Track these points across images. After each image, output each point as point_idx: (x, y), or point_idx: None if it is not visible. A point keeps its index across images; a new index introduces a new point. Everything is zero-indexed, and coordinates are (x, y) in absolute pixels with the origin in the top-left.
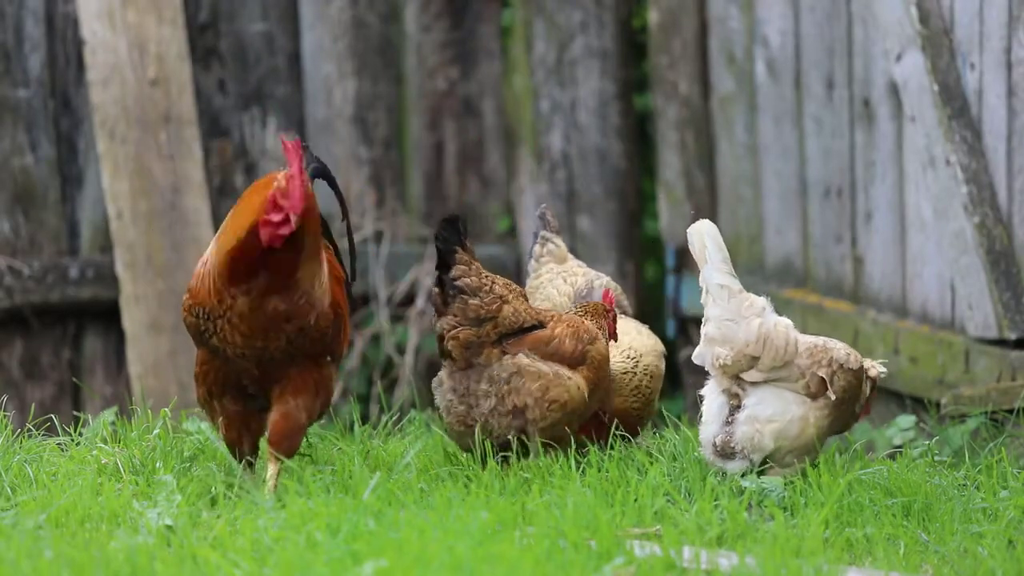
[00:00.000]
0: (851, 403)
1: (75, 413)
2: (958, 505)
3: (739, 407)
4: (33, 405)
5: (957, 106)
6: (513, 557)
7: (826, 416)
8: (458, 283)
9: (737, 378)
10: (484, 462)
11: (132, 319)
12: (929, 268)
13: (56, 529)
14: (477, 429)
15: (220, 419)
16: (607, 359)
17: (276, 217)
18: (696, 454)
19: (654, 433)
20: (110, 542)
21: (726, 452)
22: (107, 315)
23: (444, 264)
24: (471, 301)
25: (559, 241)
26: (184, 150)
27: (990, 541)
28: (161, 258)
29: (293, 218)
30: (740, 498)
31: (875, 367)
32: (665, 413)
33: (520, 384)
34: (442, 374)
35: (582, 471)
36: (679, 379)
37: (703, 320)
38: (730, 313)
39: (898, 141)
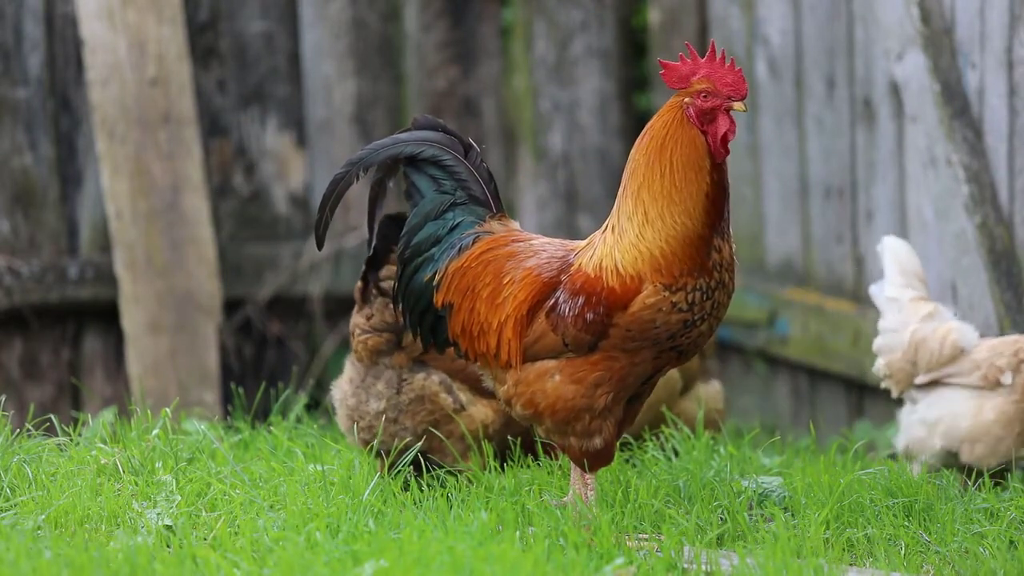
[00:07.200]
0: None
1: (74, 413)
2: (959, 505)
3: (913, 412)
4: (32, 405)
5: (958, 106)
6: (513, 557)
7: (1015, 403)
8: (382, 285)
9: (912, 384)
10: (484, 463)
11: (132, 319)
12: (930, 268)
13: (55, 529)
14: (358, 427)
15: (604, 436)
16: None
17: (724, 126)
18: (696, 453)
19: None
20: (109, 542)
21: (908, 456)
22: (107, 315)
23: (375, 263)
24: (396, 309)
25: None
26: (183, 150)
27: (991, 542)
28: (161, 258)
29: (739, 104)
30: (740, 498)
31: None
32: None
33: (417, 409)
34: (347, 362)
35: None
36: None
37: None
38: (896, 324)
39: (899, 141)
